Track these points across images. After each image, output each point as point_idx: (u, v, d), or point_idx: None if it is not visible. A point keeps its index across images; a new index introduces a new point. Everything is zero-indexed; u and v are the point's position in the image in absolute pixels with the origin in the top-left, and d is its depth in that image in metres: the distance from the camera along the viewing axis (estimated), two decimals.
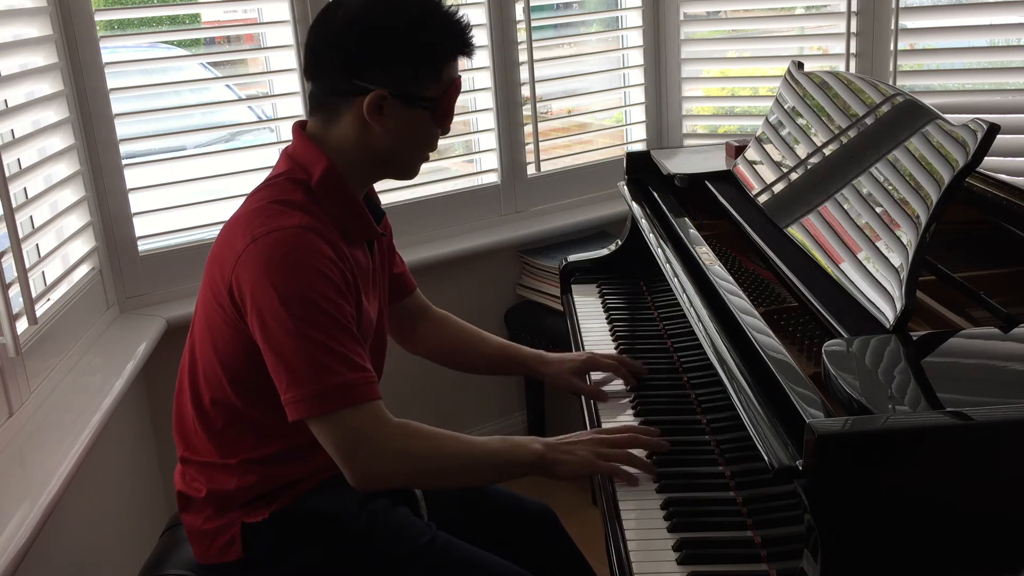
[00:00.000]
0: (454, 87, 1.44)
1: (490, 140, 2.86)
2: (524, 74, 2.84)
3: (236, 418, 1.44)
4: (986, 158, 1.27)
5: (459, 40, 1.42)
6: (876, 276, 1.32)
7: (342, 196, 1.43)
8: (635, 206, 2.09)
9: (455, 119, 1.50)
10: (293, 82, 2.47)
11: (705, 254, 1.65)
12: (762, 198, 1.80)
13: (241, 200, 1.47)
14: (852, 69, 2.79)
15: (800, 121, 1.83)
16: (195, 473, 1.50)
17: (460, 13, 1.43)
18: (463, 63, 1.46)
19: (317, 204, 1.40)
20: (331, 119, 1.43)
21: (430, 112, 1.42)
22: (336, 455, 1.34)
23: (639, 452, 1.45)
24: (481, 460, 1.41)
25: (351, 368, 1.32)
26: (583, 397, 1.74)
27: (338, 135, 1.43)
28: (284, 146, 1.50)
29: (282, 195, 1.40)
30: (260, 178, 1.49)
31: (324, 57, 1.41)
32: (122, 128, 2.26)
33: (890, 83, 2.26)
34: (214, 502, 1.47)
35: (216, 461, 1.47)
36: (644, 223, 1.98)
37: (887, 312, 1.25)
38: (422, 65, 1.39)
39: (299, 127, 1.47)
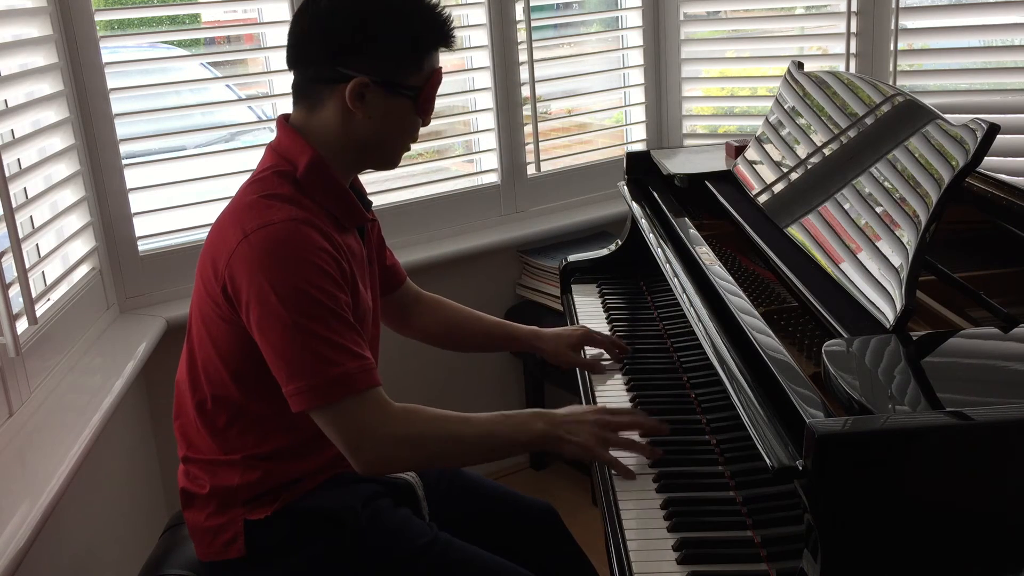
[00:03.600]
0: (435, 78, 1.45)
1: (490, 140, 2.86)
2: (524, 74, 2.84)
3: (238, 415, 1.45)
4: (986, 158, 1.28)
5: (440, 31, 1.44)
6: (876, 276, 1.32)
7: (329, 185, 1.44)
8: (635, 206, 2.09)
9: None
10: None
11: (705, 254, 1.65)
12: (762, 198, 1.80)
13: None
14: (852, 69, 2.79)
15: (800, 121, 1.83)
16: (198, 471, 1.50)
17: (442, 6, 1.45)
18: (453, 57, 1.47)
19: (305, 195, 1.41)
20: (314, 107, 1.44)
21: (411, 101, 1.44)
22: (341, 444, 1.35)
23: (636, 436, 1.49)
24: (484, 441, 1.42)
25: (350, 357, 1.33)
26: (579, 373, 1.79)
27: (321, 123, 1.44)
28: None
29: (270, 189, 1.40)
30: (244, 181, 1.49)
31: (308, 45, 1.43)
32: (122, 128, 2.26)
33: (890, 83, 2.26)
34: (217, 498, 1.47)
35: (219, 458, 1.47)
36: (644, 223, 1.98)
37: (887, 312, 1.25)
38: (404, 54, 1.41)
39: (283, 119, 1.48)
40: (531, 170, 2.95)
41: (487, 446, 1.43)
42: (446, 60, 1.49)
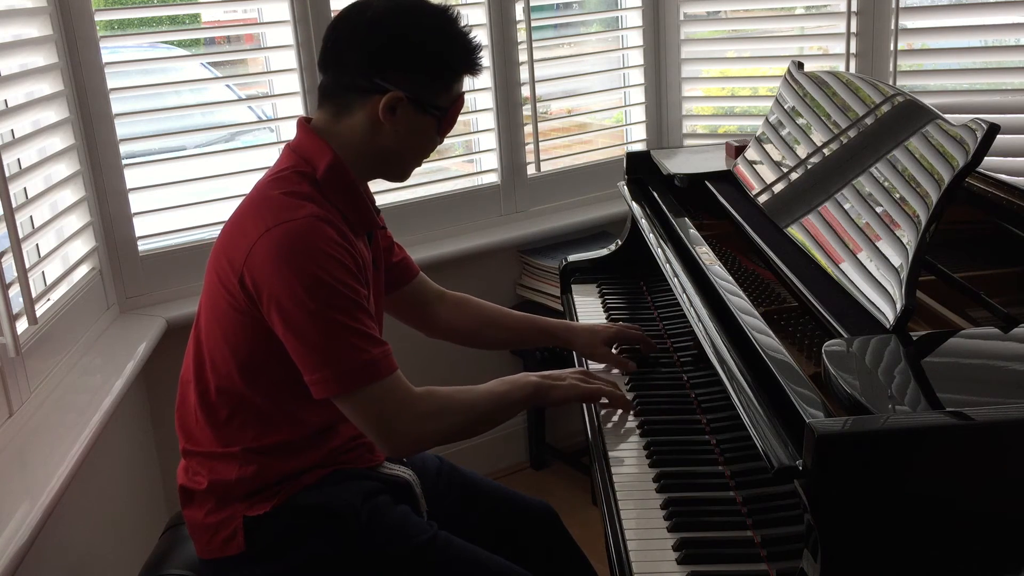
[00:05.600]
0: (460, 101, 1.52)
1: (490, 140, 2.86)
2: (524, 74, 2.84)
3: (240, 407, 1.47)
4: (986, 158, 1.28)
5: (471, 59, 1.51)
6: (876, 276, 1.32)
7: (346, 187, 1.47)
8: (635, 206, 2.09)
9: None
10: (293, 82, 2.47)
11: (705, 254, 1.65)
12: (762, 198, 1.80)
13: (241, 199, 1.49)
14: (852, 69, 2.79)
15: (800, 121, 1.83)
16: (197, 465, 1.51)
17: (474, 34, 1.51)
18: (467, 80, 1.55)
19: (323, 196, 1.45)
20: (341, 112, 1.47)
21: (436, 120, 1.49)
22: (370, 427, 1.41)
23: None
24: (494, 405, 1.53)
25: (373, 344, 1.39)
26: (577, 366, 1.84)
27: (347, 128, 1.47)
28: (286, 142, 1.52)
29: (291, 187, 1.44)
30: (260, 178, 1.51)
31: (347, 53, 1.46)
32: (122, 128, 2.26)
33: (890, 83, 2.26)
34: (215, 494, 1.48)
35: (217, 451, 1.48)
36: (644, 223, 1.98)
37: (887, 312, 1.25)
38: (438, 75, 1.47)
39: (304, 121, 1.51)
40: (531, 170, 2.95)
41: (497, 409, 1.53)
42: None
